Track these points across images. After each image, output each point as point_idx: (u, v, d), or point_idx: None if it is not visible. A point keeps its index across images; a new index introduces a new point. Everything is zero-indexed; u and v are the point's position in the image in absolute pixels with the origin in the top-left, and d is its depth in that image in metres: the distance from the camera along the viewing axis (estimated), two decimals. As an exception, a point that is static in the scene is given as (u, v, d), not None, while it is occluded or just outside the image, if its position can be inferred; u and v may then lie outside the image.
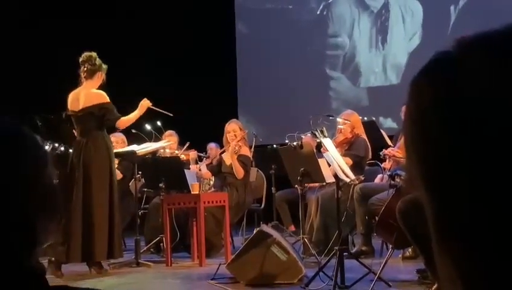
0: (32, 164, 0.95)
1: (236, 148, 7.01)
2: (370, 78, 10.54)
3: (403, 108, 7.36)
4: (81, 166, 5.73)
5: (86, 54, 5.88)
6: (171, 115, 6.37)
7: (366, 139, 6.42)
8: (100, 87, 5.91)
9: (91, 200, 5.67)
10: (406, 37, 10.26)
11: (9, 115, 0.99)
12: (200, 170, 7.43)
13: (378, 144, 6.83)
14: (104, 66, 5.93)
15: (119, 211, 5.91)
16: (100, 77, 5.91)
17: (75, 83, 5.96)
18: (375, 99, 10.23)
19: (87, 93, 5.84)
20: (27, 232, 0.95)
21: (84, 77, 5.87)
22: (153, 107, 6.19)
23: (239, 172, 6.99)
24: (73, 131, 6.09)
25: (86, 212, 5.66)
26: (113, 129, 6.18)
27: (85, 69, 5.85)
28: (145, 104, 6.08)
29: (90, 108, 5.79)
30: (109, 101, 5.85)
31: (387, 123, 9.74)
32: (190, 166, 7.47)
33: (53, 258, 5.54)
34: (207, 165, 7.54)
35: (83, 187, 5.69)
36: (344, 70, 10.73)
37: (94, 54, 5.89)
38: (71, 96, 5.91)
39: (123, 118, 5.89)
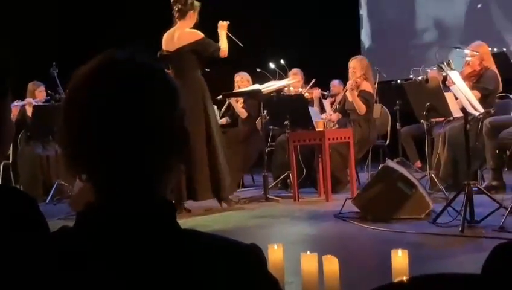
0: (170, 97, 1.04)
1: (353, 85, 6.97)
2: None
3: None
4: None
5: None
6: (242, 45, 5.99)
7: (496, 72, 6.18)
8: (194, 26, 5.81)
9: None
10: None
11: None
12: (330, 115, 7.37)
13: (510, 77, 6.56)
14: (197, 4, 5.81)
15: (222, 151, 5.84)
16: (192, 16, 5.80)
17: (169, 23, 5.88)
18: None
19: (181, 33, 5.77)
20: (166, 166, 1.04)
21: (177, 18, 5.80)
22: (227, 32, 5.96)
23: (360, 108, 6.97)
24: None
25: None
26: (217, 61, 5.98)
27: (176, 9, 5.78)
28: (224, 24, 5.94)
29: (185, 47, 5.73)
30: (204, 36, 5.76)
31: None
32: (323, 104, 7.46)
33: None
34: (332, 104, 7.58)
35: None
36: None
37: None
38: (166, 37, 5.86)
39: (222, 47, 5.80)
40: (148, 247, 0.96)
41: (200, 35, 5.77)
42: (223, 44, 5.87)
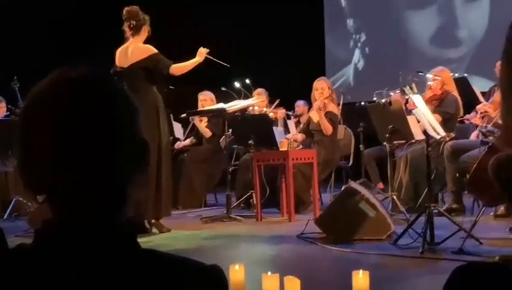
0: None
1: (321, 105, 7.02)
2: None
3: (498, 63, 7.18)
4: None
5: (128, 10, 5.71)
6: (228, 66, 6.02)
7: (458, 96, 6.29)
8: (146, 40, 5.75)
9: None
10: None
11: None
12: (295, 135, 7.36)
13: (470, 101, 6.69)
14: (147, 17, 5.75)
15: (167, 171, 5.71)
16: (146, 30, 5.75)
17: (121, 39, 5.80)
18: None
19: (134, 48, 5.70)
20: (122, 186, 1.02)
21: (131, 34, 5.72)
22: (210, 57, 5.93)
23: (327, 129, 7.02)
24: None
25: None
26: (169, 78, 5.92)
27: (131, 25, 5.70)
28: (203, 51, 5.89)
29: (139, 62, 5.65)
30: (157, 51, 5.69)
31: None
32: (288, 124, 7.46)
33: None
34: (296, 124, 7.61)
35: None
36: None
37: (135, 8, 5.72)
38: (119, 53, 5.78)
39: (175, 65, 5.72)
40: (108, 268, 0.94)
41: (152, 50, 5.69)
42: (185, 64, 5.78)
